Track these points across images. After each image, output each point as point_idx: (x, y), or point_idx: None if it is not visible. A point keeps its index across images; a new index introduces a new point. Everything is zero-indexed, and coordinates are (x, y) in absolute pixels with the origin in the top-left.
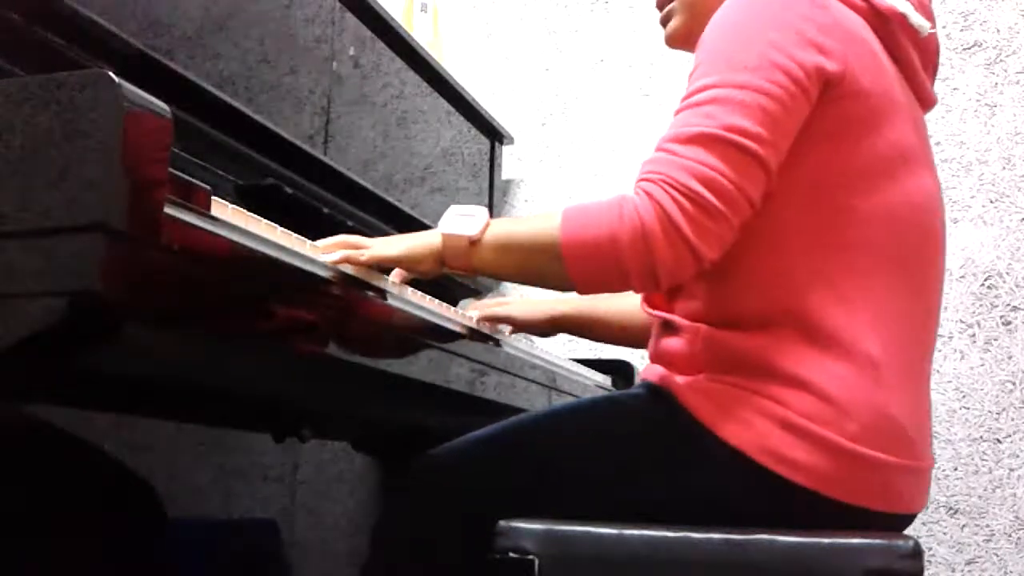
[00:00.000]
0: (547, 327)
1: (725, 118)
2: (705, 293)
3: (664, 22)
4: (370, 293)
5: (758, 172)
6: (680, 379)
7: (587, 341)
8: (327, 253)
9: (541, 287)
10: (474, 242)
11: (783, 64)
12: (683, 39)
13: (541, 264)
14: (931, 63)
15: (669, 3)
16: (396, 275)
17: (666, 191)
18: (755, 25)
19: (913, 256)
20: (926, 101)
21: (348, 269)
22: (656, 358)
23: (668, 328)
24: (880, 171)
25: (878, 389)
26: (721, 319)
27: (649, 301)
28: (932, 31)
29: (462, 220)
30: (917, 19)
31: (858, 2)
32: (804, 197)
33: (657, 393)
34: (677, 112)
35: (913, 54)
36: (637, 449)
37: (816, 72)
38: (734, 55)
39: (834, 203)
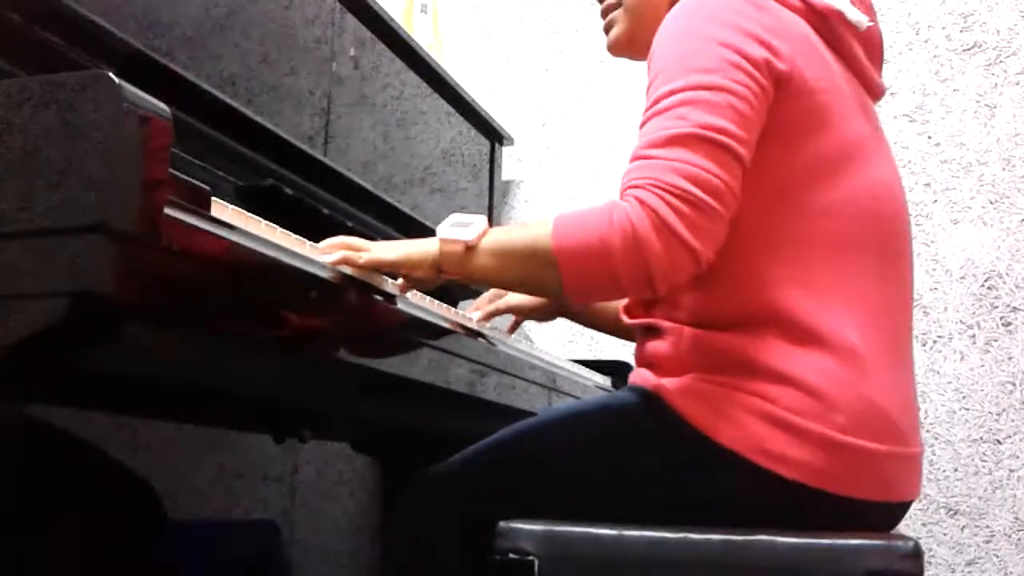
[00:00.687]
0: (548, 311)
1: (700, 117)
2: (684, 297)
3: (607, 30)
4: (370, 294)
5: (737, 168)
6: (668, 382)
7: (587, 342)
8: (326, 254)
9: (536, 295)
10: (470, 248)
11: (740, 64)
12: (626, 45)
13: (534, 271)
14: (876, 54)
15: (613, 10)
16: (399, 284)
17: (656, 194)
18: (704, 30)
19: (880, 245)
20: (875, 91)
21: (346, 271)
22: (642, 361)
23: (651, 332)
24: (835, 165)
25: (862, 379)
26: (702, 321)
27: (628, 311)
28: (871, 24)
29: (459, 227)
30: (854, 15)
31: (795, 2)
32: (765, 196)
33: (647, 397)
34: (643, 123)
35: (856, 47)
36: (631, 454)
37: (767, 69)
38: (691, 60)
39: (794, 200)
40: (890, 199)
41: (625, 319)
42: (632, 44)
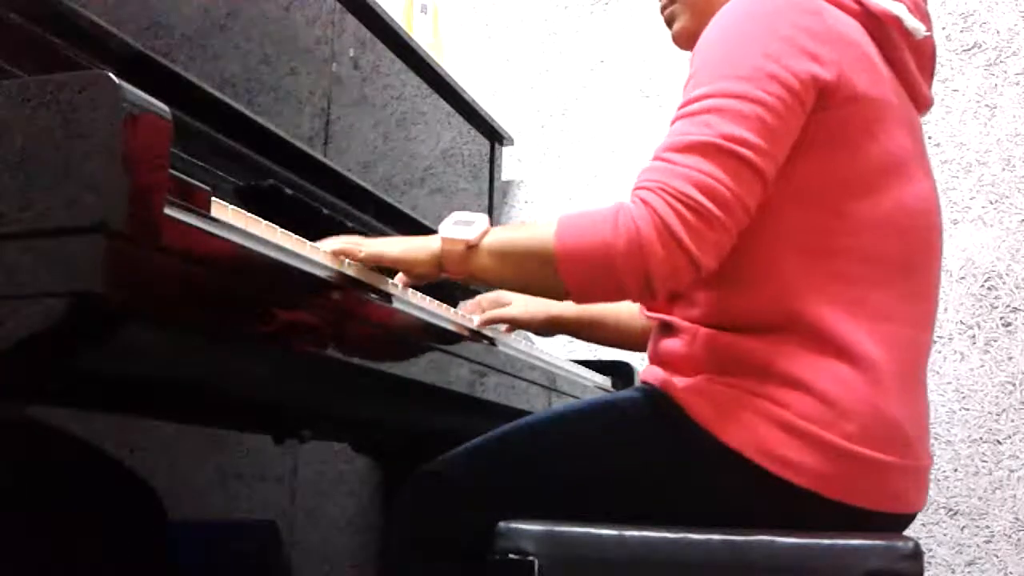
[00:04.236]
0: (546, 327)
1: (723, 127)
2: (704, 297)
3: (669, 23)
4: (370, 294)
5: (755, 182)
6: (679, 381)
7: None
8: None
9: (537, 295)
10: (472, 247)
11: (778, 74)
12: (687, 39)
13: (536, 272)
14: (928, 65)
15: (672, 5)
16: (399, 279)
17: (664, 199)
18: (749, 35)
19: (910, 261)
20: (922, 103)
21: (348, 269)
22: (655, 359)
23: (667, 329)
24: (876, 177)
25: (877, 390)
26: (720, 322)
27: (648, 305)
28: (927, 34)
29: (461, 225)
30: (912, 22)
31: (852, 5)
32: (801, 203)
33: (656, 395)
34: (673, 122)
35: (908, 57)
36: (637, 452)
37: (811, 81)
38: (729, 66)
39: (830, 209)
40: (926, 215)
41: (643, 312)
42: (693, 38)
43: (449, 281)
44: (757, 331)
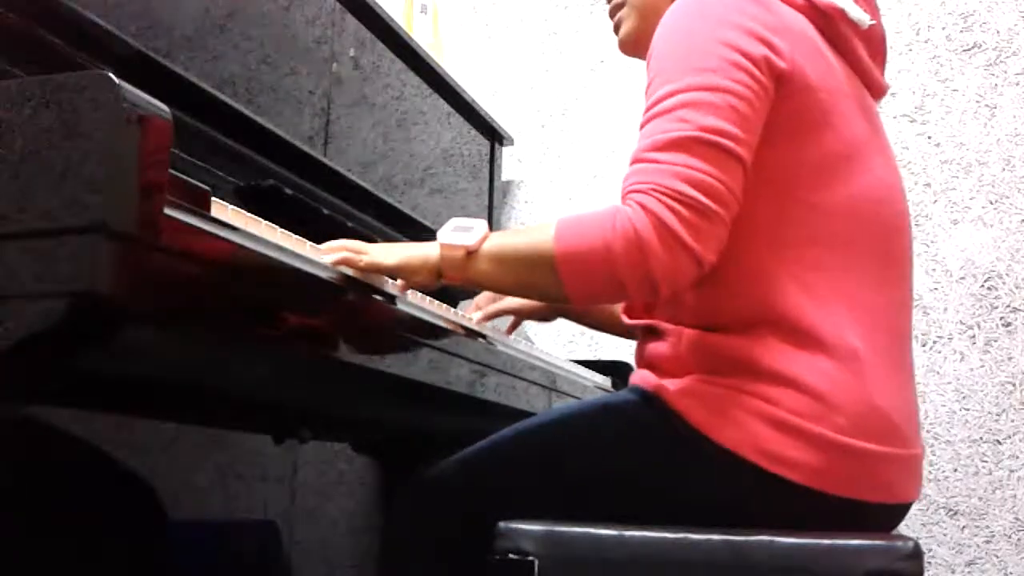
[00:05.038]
0: (548, 311)
1: (700, 120)
2: (683, 298)
3: (616, 29)
4: (370, 294)
5: (738, 170)
6: (668, 383)
7: (587, 342)
8: (327, 255)
9: (538, 299)
10: (471, 253)
11: (740, 62)
12: (634, 44)
13: (536, 276)
14: (879, 52)
15: (620, 10)
16: (399, 284)
17: (658, 199)
18: (704, 29)
19: (879, 247)
20: (877, 90)
21: (346, 271)
22: (642, 363)
23: (652, 333)
24: (835, 166)
25: (862, 381)
26: (703, 322)
27: (628, 312)
28: (872, 23)
29: (460, 231)
30: (856, 13)
31: (797, 0)
32: (766, 196)
33: (647, 398)
34: (644, 123)
35: (859, 46)
36: (632, 455)
37: (767, 67)
38: (691, 60)
39: (794, 200)
40: (890, 201)
41: (625, 320)
42: (639, 43)
43: (449, 285)
44: (740, 329)
